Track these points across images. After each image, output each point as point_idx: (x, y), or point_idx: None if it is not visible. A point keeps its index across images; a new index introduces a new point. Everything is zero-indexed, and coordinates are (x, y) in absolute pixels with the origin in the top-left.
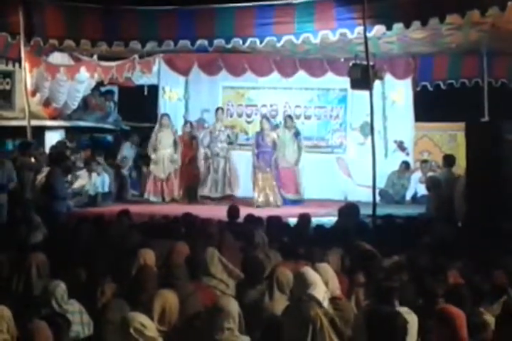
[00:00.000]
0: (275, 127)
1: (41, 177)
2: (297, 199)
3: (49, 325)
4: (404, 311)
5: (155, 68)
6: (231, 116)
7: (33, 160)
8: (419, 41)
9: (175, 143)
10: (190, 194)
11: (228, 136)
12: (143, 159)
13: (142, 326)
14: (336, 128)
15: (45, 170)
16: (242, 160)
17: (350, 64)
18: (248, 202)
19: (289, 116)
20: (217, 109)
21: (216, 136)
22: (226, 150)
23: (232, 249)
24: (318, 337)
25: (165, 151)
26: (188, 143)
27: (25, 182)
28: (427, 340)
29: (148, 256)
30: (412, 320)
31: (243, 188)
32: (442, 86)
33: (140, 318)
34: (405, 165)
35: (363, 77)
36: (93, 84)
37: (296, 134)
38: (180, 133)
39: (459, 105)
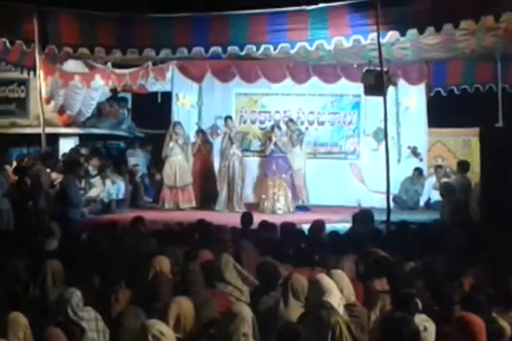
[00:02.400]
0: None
1: (55, 184)
2: (300, 205)
3: (63, 332)
4: (423, 319)
5: (168, 75)
6: (244, 123)
7: (48, 169)
8: (432, 47)
9: (187, 150)
10: (208, 200)
11: (242, 139)
12: (156, 166)
13: (160, 333)
14: (350, 134)
15: (59, 177)
16: (256, 166)
17: (364, 70)
18: (261, 208)
19: (291, 120)
20: (226, 118)
21: (229, 142)
22: (239, 157)
23: (251, 256)
24: None
25: (177, 159)
26: (202, 150)
27: (40, 190)
28: None
29: (164, 263)
30: (430, 327)
31: (256, 194)
32: (456, 91)
33: (158, 325)
34: (418, 172)
35: (376, 83)
36: (107, 91)
37: (299, 134)
38: (193, 140)
39: (473, 110)
